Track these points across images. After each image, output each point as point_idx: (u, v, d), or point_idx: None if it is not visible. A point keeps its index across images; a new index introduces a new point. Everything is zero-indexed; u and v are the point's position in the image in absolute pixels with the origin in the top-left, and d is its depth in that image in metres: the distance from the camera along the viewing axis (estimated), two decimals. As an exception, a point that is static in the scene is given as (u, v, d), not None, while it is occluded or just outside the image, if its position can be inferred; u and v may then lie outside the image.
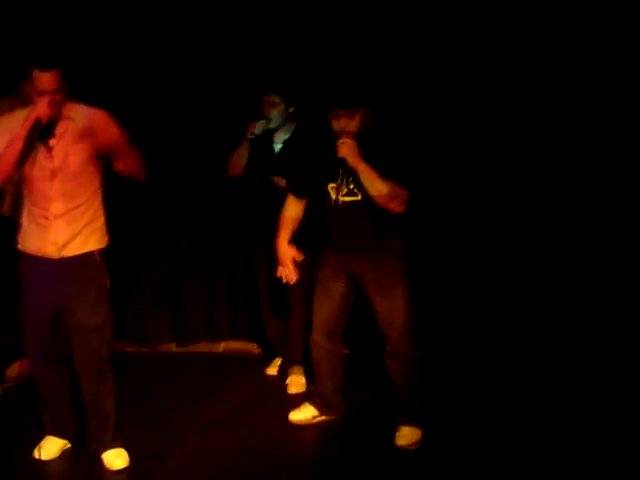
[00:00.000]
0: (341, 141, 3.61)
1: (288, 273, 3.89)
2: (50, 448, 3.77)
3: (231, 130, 4.69)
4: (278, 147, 4.51)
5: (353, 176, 3.65)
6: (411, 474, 3.63)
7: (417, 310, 3.86)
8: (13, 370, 4.71)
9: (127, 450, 3.73)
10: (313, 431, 4.06)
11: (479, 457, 3.68)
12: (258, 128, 4.41)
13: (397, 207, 3.61)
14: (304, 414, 4.11)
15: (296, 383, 4.60)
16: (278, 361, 4.83)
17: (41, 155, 3.45)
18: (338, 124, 3.64)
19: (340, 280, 3.89)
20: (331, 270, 3.91)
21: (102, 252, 3.64)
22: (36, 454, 3.75)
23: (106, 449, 3.72)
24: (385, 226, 3.73)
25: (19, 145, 3.33)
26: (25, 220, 3.58)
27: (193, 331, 5.33)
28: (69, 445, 3.84)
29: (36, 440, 3.80)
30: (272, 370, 4.85)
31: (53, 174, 3.45)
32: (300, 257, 3.89)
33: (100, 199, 3.62)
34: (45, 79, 3.31)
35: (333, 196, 3.76)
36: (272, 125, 4.44)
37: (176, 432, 4.01)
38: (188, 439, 3.95)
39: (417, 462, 3.70)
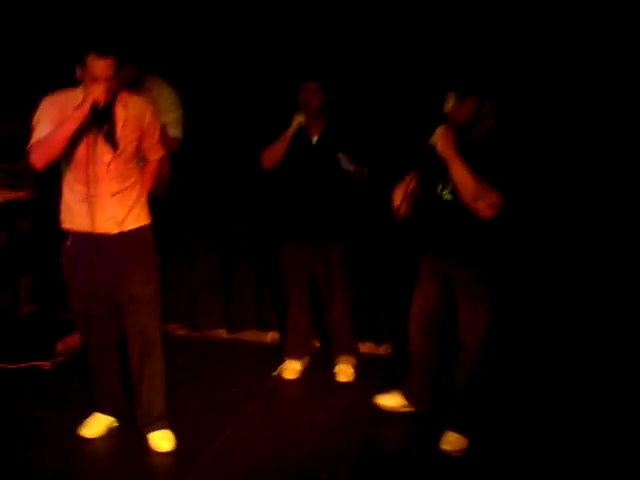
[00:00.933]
0: (439, 128, 3.53)
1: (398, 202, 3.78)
2: (97, 425, 3.82)
3: (264, 119, 4.66)
4: (314, 139, 4.44)
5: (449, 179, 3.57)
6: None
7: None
8: (64, 344, 4.79)
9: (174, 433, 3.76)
10: (357, 428, 4.02)
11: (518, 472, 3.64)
12: (303, 117, 4.31)
13: (484, 210, 3.44)
14: (391, 401, 4.15)
15: (344, 372, 4.61)
16: (292, 364, 4.70)
17: (100, 142, 3.47)
18: (447, 107, 3.53)
19: (435, 279, 3.86)
20: (428, 268, 3.89)
21: (150, 226, 3.73)
22: (82, 431, 3.80)
23: (153, 429, 3.75)
24: (479, 234, 3.59)
25: (73, 126, 3.32)
26: (70, 199, 3.59)
27: (243, 319, 5.32)
28: (116, 424, 3.88)
29: (84, 416, 3.85)
30: (290, 374, 4.67)
31: (113, 159, 3.49)
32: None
33: (140, 179, 3.72)
34: (101, 65, 3.32)
35: (438, 192, 3.69)
36: (312, 113, 4.35)
37: (221, 419, 4.03)
38: (232, 427, 3.96)
39: (456, 469, 3.66)
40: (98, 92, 3.31)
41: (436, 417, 3.99)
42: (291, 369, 4.65)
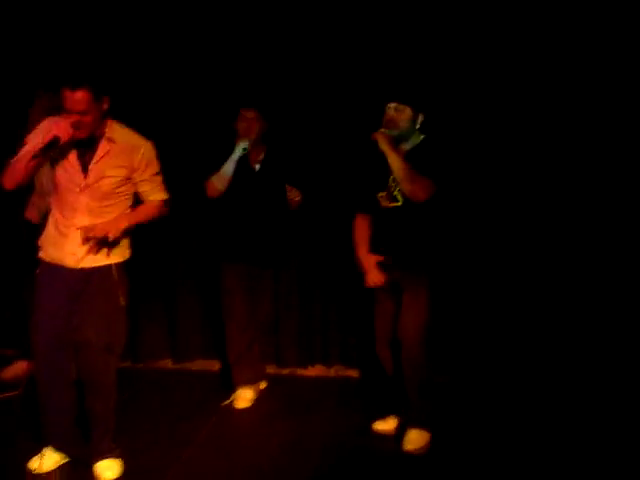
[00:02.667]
0: (376, 132, 3.84)
1: (375, 277, 3.99)
2: (46, 461, 3.68)
3: (203, 146, 4.68)
4: (256, 167, 4.51)
5: (396, 183, 3.84)
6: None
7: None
8: (8, 372, 4.67)
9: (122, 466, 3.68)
10: (315, 450, 3.98)
11: (485, 463, 3.72)
12: (247, 143, 4.34)
13: (419, 191, 3.76)
14: (387, 425, 4.16)
15: (243, 397, 4.58)
16: (244, 392, 4.60)
17: (75, 169, 3.44)
18: (386, 116, 3.86)
19: (388, 293, 3.99)
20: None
21: (121, 266, 3.62)
22: (31, 465, 3.67)
23: (100, 459, 3.67)
24: (423, 237, 3.88)
25: (28, 156, 3.30)
26: (50, 227, 3.57)
27: (189, 348, 5.26)
28: (66, 459, 3.75)
29: (33, 452, 3.71)
30: (242, 403, 4.59)
31: (83, 190, 3.45)
32: (381, 257, 3.98)
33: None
34: (73, 98, 3.27)
35: (382, 204, 3.94)
36: (252, 138, 4.38)
37: (171, 450, 3.94)
38: (184, 459, 3.87)
39: (423, 468, 3.71)
40: (63, 127, 3.29)
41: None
42: (243, 397, 4.58)
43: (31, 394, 3.78)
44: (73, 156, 3.45)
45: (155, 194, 3.68)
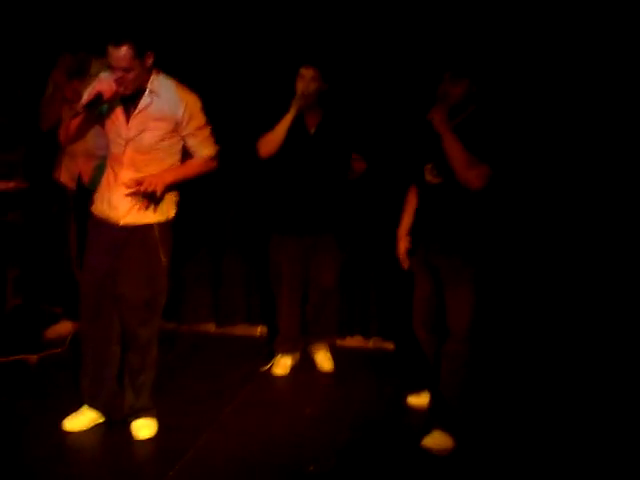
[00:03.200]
0: (434, 107, 3.64)
1: (401, 259, 3.96)
2: (82, 419, 3.77)
3: (260, 106, 4.61)
4: (312, 131, 4.40)
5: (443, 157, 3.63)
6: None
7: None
8: (53, 331, 4.77)
9: (159, 426, 3.75)
10: (346, 420, 4.00)
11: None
12: (302, 103, 4.23)
13: (475, 179, 3.55)
14: (421, 400, 4.12)
15: (326, 360, 4.64)
16: (284, 359, 4.64)
17: (120, 122, 3.49)
18: (442, 87, 3.67)
19: (426, 273, 3.84)
20: (418, 263, 3.89)
21: (164, 225, 3.63)
22: (66, 424, 3.75)
23: (136, 417, 3.74)
24: (466, 218, 3.67)
25: (79, 118, 3.41)
26: (103, 181, 3.65)
27: (232, 312, 5.30)
28: (102, 419, 3.82)
29: (69, 411, 3.80)
30: (281, 369, 4.63)
31: (126, 142, 3.49)
32: (409, 245, 3.91)
33: None
34: (116, 55, 3.30)
35: (427, 177, 3.75)
36: (310, 100, 4.28)
37: (209, 412, 4.00)
38: (220, 420, 3.94)
39: (445, 463, 3.63)
40: (105, 83, 3.34)
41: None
42: (282, 364, 4.61)
43: (74, 353, 3.83)
44: (119, 109, 3.49)
45: (202, 149, 3.65)
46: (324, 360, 4.69)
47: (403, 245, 3.95)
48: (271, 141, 4.28)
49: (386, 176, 4.74)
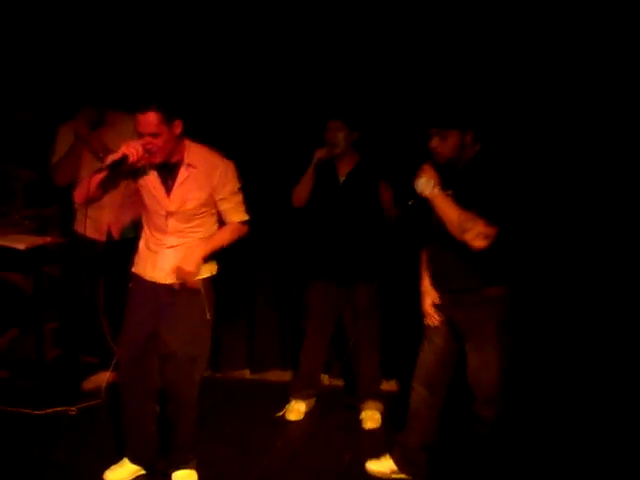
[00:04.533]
0: (420, 172, 3.43)
1: (429, 318, 3.72)
2: (122, 472, 3.81)
3: (296, 159, 4.68)
4: (342, 179, 4.49)
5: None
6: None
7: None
8: (90, 382, 4.82)
9: (198, 475, 3.77)
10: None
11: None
12: (324, 153, 4.38)
13: (474, 241, 3.30)
14: (382, 466, 3.89)
15: (371, 418, 4.55)
16: (297, 405, 4.65)
17: (160, 195, 3.56)
18: (430, 144, 3.45)
19: (440, 328, 3.68)
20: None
21: (208, 281, 3.69)
22: (107, 476, 3.79)
23: (177, 469, 3.76)
24: (480, 266, 3.44)
25: (99, 176, 3.43)
26: (142, 244, 3.72)
27: (266, 358, 5.33)
28: (142, 472, 3.85)
29: (110, 462, 3.84)
30: (294, 415, 4.63)
31: (169, 215, 3.57)
32: (438, 300, 3.66)
33: (214, 232, 3.69)
34: (143, 120, 3.37)
35: (434, 222, 3.52)
36: (337, 151, 4.40)
37: (248, 460, 4.02)
38: (259, 468, 3.93)
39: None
40: (133, 146, 3.38)
41: None
42: (296, 410, 4.63)
43: (112, 404, 3.88)
44: (157, 181, 3.56)
45: (234, 214, 3.69)
46: (367, 419, 4.56)
47: (430, 298, 3.70)
48: (299, 191, 4.45)
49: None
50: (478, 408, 3.55)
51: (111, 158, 3.41)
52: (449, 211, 3.36)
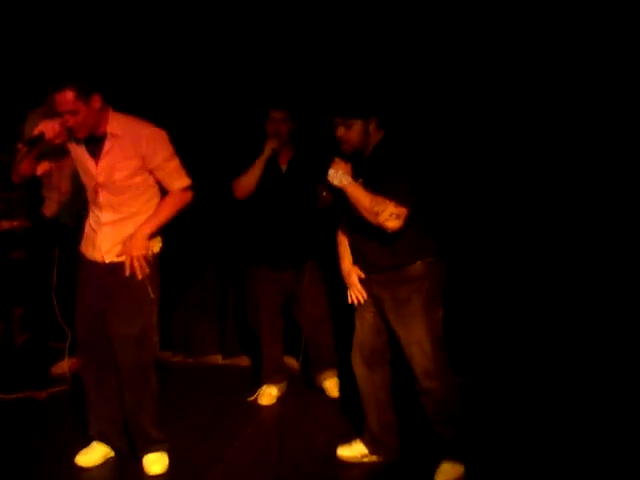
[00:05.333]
0: (331, 167, 3.49)
1: (357, 292, 3.71)
2: (93, 454, 3.78)
3: (231, 148, 4.70)
4: (284, 168, 4.52)
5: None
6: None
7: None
8: (59, 367, 4.78)
9: (170, 460, 3.75)
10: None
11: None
12: (275, 144, 4.37)
13: (387, 222, 3.37)
14: (352, 451, 3.86)
15: (336, 385, 4.69)
16: (269, 389, 4.65)
17: (90, 168, 3.54)
18: (337, 132, 3.51)
19: (367, 304, 3.69)
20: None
21: (152, 259, 3.63)
22: (78, 459, 3.76)
23: (147, 452, 3.74)
24: (398, 245, 3.49)
25: (20, 154, 3.45)
26: (86, 224, 3.71)
27: (238, 343, 5.31)
28: (113, 453, 3.84)
29: (80, 446, 3.81)
30: (266, 399, 4.63)
31: (99, 187, 3.54)
32: (362, 274, 3.68)
33: (153, 208, 3.64)
34: (57, 100, 3.35)
35: (350, 209, 3.57)
36: (282, 141, 4.41)
37: (219, 445, 4.00)
38: (230, 452, 3.94)
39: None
40: (49, 124, 3.42)
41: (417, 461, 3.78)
42: (267, 394, 4.62)
43: (81, 388, 3.83)
44: (86, 156, 3.53)
45: (173, 181, 3.61)
46: (333, 387, 4.70)
47: (354, 277, 3.69)
48: (246, 183, 4.41)
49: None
50: (418, 380, 3.56)
51: (28, 137, 3.43)
52: (361, 198, 3.43)
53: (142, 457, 3.74)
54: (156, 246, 3.67)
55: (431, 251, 3.56)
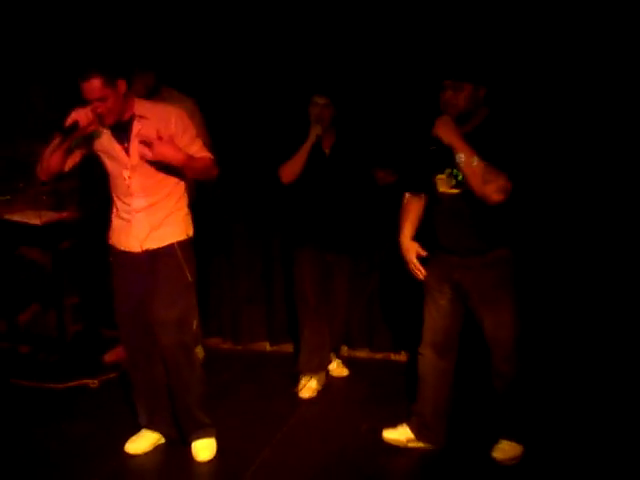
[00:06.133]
0: (438, 118, 3.44)
1: (415, 269, 3.75)
2: (142, 442, 3.85)
3: (275, 134, 4.70)
4: (327, 152, 4.51)
5: (457, 166, 3.43)
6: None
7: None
8: (112, 354, 4.87)
9: (218, 446, 3.80)
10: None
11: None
12: (319, 130, 4.36)
13: (493, 194, 3.33)
14: (398, 435, 3.88)
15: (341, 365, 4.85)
16: (309, 382, 4.59)
17: (120, 155, 3.55)
18: (443, 96, 3.45)
19: (445, 290, 3.67)
20: (436, 279, 3.70)
21: (185, 244, 3.69)
22: (128, 447, 3.83)
23: (195, 438, 3.79)
24: (491, 229, 3.50)
25: (54, 146, 3.45)
26: (113, 216, 3.71)
27: (285, 331, 5.32)
28: (163, 440, 3.90)
29: (131, 434, 3.88)
30: (307, 392, 4.56)
31: (131, 172, 3.55)
32: (423, 252, 3.71)
33: (182, 191, 3.70)
34: (86, 88, 3.38)
35: (439, 188, 3.57)
36: (325, 126, 4.40)
37: (266, 431, 4.04)
38: (278, 439, 3.97)
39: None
40: (82, 112, 3.42)
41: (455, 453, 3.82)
42: (308, 387, 4.57)
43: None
44: (113, 141, 3.55)
45: (202, 155, 3.65)
46: (339, 367, 4.87)
47: (413, 253, 3.74)
48: (293, 168, 4.41)
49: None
50: (497, 364, 3.63)
51: (63, 127, 3.41)
52: (470, 159, 3.35)
53: (191, 443, 3.79)
54: (190, 229, 3.73)
55: (514, 238, 3.57)
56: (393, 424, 3.93)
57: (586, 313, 4.50)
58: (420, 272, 3.72)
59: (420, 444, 3.86)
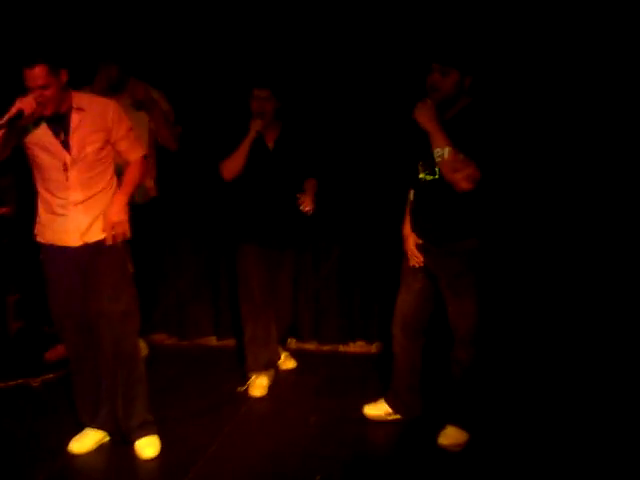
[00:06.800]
0: (420, 102, 3.51)
1: (412, 255, 3.81)
2: (86, 441, 3.79)
3: (219, 127, 4.64)
4: (270, 147, 4.45)
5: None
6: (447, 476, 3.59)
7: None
8: (54, 352, 4.78)
9: (163, 443, 3.76)
10: (350, 428, 4.01)
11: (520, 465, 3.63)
12: (259, 125, 4.30)
13: (462, 182, 3.44)
14: (377, 410, 4.08)
15: (258, 385, 4.53)
16: (259, 380, 4.52)
17: (56, 148, 3.48)
18: (430, 79, 3.52)
19: (418, 275, 3.81)
20: (410, 265, 3.84)
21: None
22: (72, 446, 3.77)
23: (138, 436, 3.75)
24: (461, 218, 3.58)
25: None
26: (42, 211, 3.62)
27: (232, 325, 5.28)
28: (107, 438, 3.85)
29: (74, 433, 3.82)
30: (258, 391, 4.49)
31: (70, 165, 3.49)
32: (419, 240, 3.77)
33: (116, 183, 3.67)
34: (30, 75, 3.33)
35: (419, 174, 3.68)
36: (267, 120, 4.35)
37: (212, 427, 4.01)
38: (225, 433, 3.95)
39: (451, 467, 3.64)
40: (26, 100, 3.36)
41: (429, 421, 3.96)
42: (258, 385, 4.51)
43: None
44: (49, 136, 3.48)
45: (135, 151, 3.70)
46: (287, 360, 4.87)
47: (412, 241, 3.81)
48: (233, 165, 4.35)
49: (380, 177, 4.79)
50: (455, 350, 3.76)
51: (7, 115, 3.33)
52: (443, 145, 3.45)
53: (134, 441, 3.75)
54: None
55: (484, 229, 3.64)
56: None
57: (552, 306, 4.61)
58: (417, 258, 3.79)
59: (398, 416, 4.04)
